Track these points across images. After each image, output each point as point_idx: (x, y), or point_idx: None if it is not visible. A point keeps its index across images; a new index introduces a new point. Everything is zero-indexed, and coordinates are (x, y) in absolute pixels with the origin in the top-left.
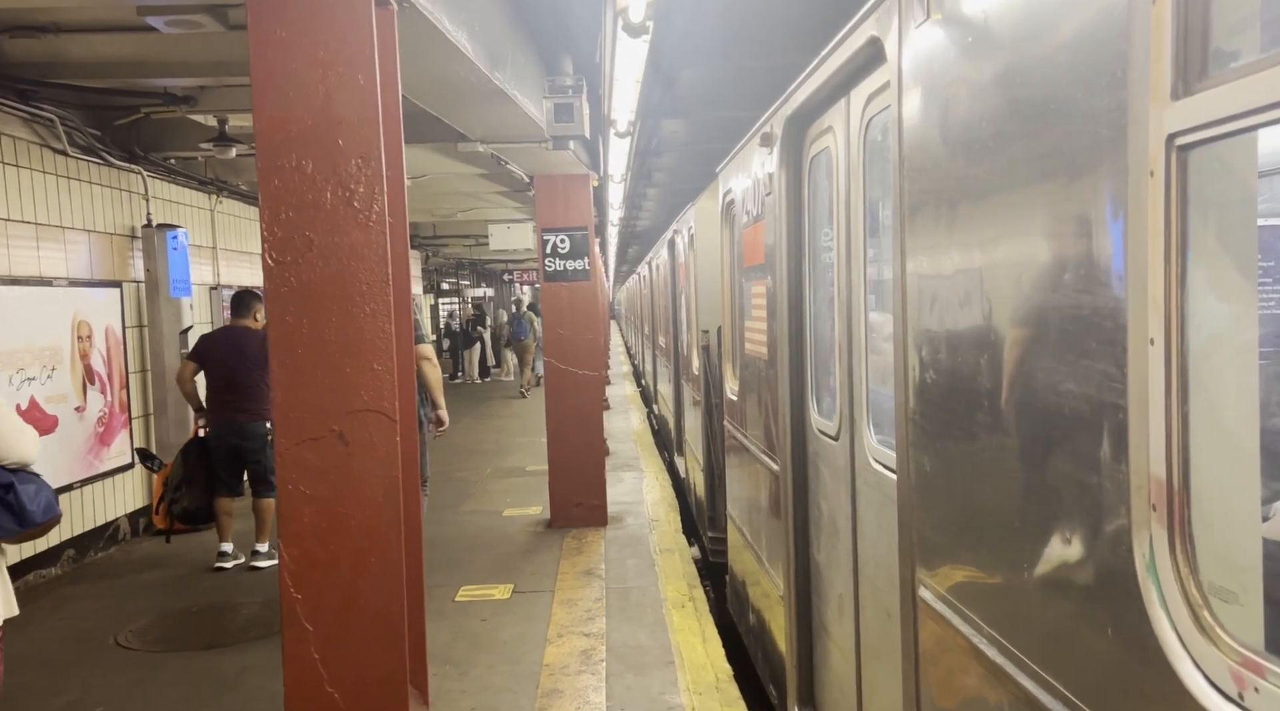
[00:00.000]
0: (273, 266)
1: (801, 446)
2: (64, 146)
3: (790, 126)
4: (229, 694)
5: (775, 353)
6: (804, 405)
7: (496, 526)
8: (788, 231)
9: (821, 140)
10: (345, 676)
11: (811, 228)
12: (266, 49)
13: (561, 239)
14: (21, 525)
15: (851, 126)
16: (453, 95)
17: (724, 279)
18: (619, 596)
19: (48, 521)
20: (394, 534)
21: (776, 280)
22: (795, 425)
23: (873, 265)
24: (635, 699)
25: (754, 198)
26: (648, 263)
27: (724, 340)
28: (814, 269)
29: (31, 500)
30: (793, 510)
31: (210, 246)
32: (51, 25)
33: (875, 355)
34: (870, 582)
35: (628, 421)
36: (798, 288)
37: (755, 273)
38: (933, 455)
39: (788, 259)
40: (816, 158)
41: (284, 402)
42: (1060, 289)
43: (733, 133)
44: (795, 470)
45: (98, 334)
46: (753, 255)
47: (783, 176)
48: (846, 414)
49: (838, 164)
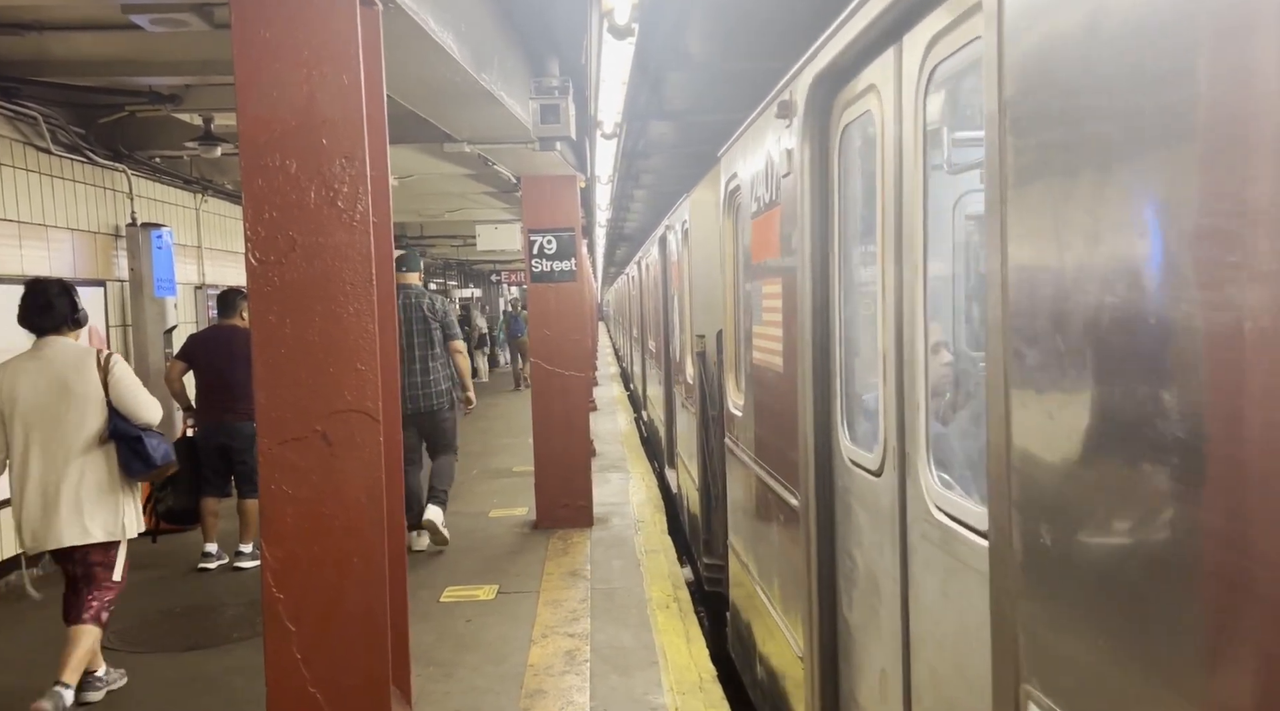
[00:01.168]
0: (256, 266)
1: (827, 478)
2: (48, 144)
3: (816, 91)
4: (212, 695)
5: (793, 364)
6: (831, 429)
7: (482, 527)
8: (811, 219)
9: (858, 104)
10: (328, 677)
11: (842, 214)
12: (250, 48)
13: (548, 240)
14: (147, 467)
15: (905, 82)
16: (439, 96)
17: (726, 277)
18: (604, 597)
19: (164, 465)
20: (377, 534)
21: (796, 277)
22: (819, 452)
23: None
24: (619, 699)
25: (767, 181)
26: (637, 262)
27: (725, 346)
28: (845, 264)
29: (154, 450)
30: (815, 557)
31: (195, 246)
32: (35, 23)
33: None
34: (928, 665)
35: (615, 423)
36: (823, 286)
37: (767, 269)
38: (1059, 523)
39: (811, 252)
40: (850, 127)
41: (266, 402)
42: None
43: (721, 135)
44: (820, 507)
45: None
46: (764, 249)
47: (805, 152)
48: (894, 444)
49: (883, 132)
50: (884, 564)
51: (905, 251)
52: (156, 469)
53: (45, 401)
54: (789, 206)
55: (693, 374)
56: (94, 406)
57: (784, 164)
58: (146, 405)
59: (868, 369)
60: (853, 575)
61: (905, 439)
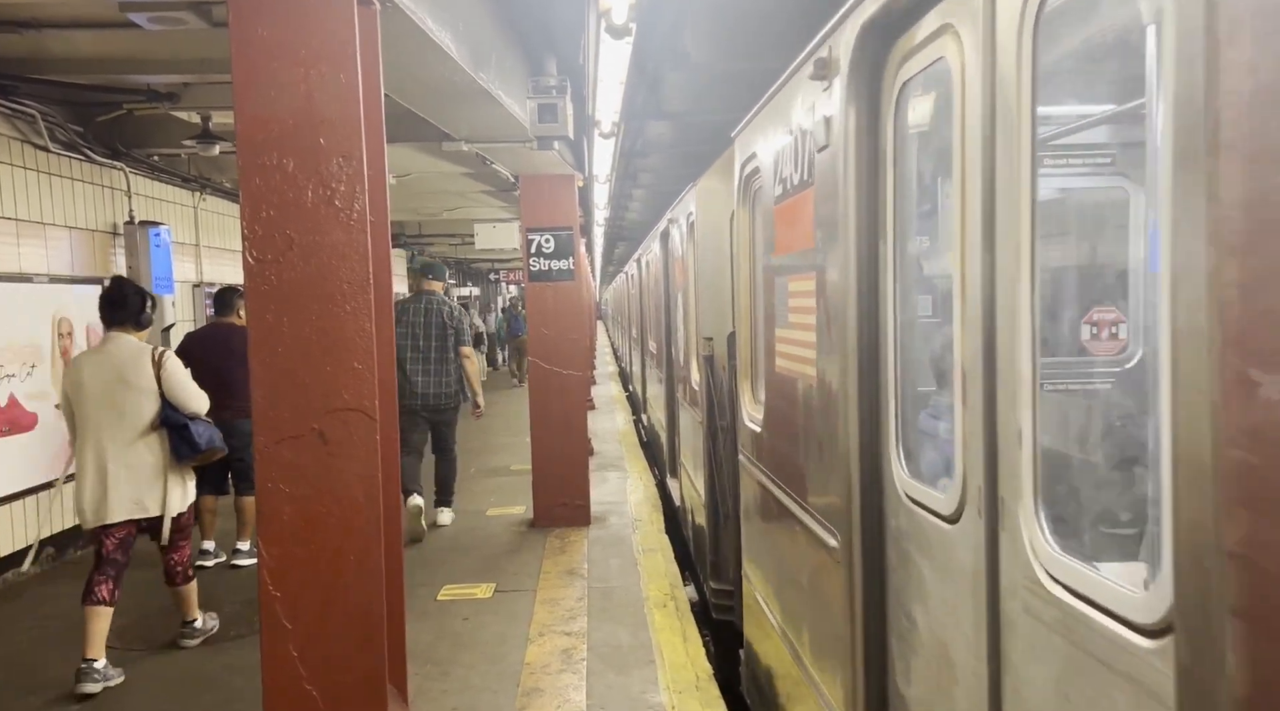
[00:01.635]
0: (253, 265)
1: (875, 515)
2: (46, 142)
3: (865, 42)
4: (209, 693)
5: (830, 374)
6: (880, 455)
7: (480, 526)
8: (857, 200)
9: (925, 53)
10: (324, 675)
11: (898, 192)
12: (248, 47)
13: (546, 239)
14: (194, 452)
15: (1000, 17)
16: (436, 94)
17: (740, 273)
18: (601, 595)
19: (209, 450)
20: (373, 532)
21: (835, 271)
22: (866, 484)
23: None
24: (616, 697)
25: (795, 159)
26: (636, 260)
27: (739, 351)
28: (901, 253)
29: (199, 436)
30: (861, 612)
31: (193, 244)
32: (33, 21)
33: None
34: None
35: (613, 421)
36: (872, 282)
37: (794, 262)
38: None
39: (857, 240)
40: (911, 84)
41: (264, 401)
42: None
43: (719, 136)
44: (866, 551)
45: (79, 331)
46: (791, 238)
47: (850, 118)
48: (978, 484)
49: (964, 85)
50: (961, 635)
51: (1002, 236)
52: (202, 453)
53: (106, 391)
54: (825, 186)
55: (699, 379)
56: (148, 397)
57: (820, 135)
58: (194, 396)
59: (935, 384)
60: (911, 639)
61: (998, 478)
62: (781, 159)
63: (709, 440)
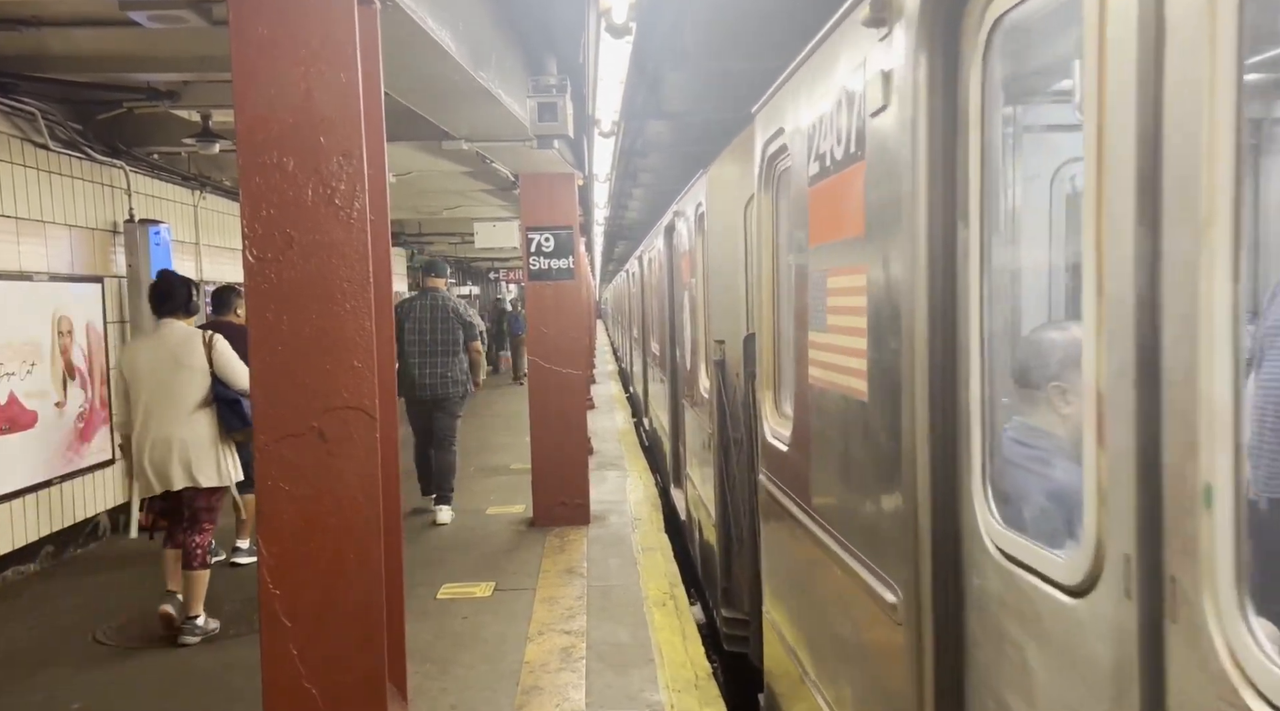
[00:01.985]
0: (253, 263)
1: (951, 571)
2: (45, 141)
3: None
4: (208, 691)
5: (889, 390)
6: (960, 496)
7: (479, 525)
8: (930, 173)
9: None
10: (324, 673)
11: (986, 162)
12: (248, 46)
13: (546, 238)
14: (245, 424)
15: None
16: (437, 93)
17: (762, 267)
18: (600, 594)
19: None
20: (373, 531)
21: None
22: (939, 530)
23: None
24: (615, 696)
25: (839, 129)
26: (638, 258)
27: (760, 357)
28: (989, 240)
29: (248, 410)
30: (934, 694)
31: (194, 242)
32: (33, 19)
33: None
34: None
35: (613, 420)
36: (948, 275)
37: (837, 253)
38: None
39: (928, 223)
40: (1007, 20)
41: (263, 399)
42: None
43: (718, 136)
44: (940, 618)
45: (79, 329)
46: (831, 224)
47: (921, 71)
48: (1132, 553)
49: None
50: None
51: (1171, 211)
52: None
53: (161, 372)
54: (882, 159)
55: (708, 386)
56: (200, 376)
57: (875, 95)
58: (242, 374)
59: (1046, 411)
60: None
61: (1163, 548)
62: (819, 130)
63: (720, 453)
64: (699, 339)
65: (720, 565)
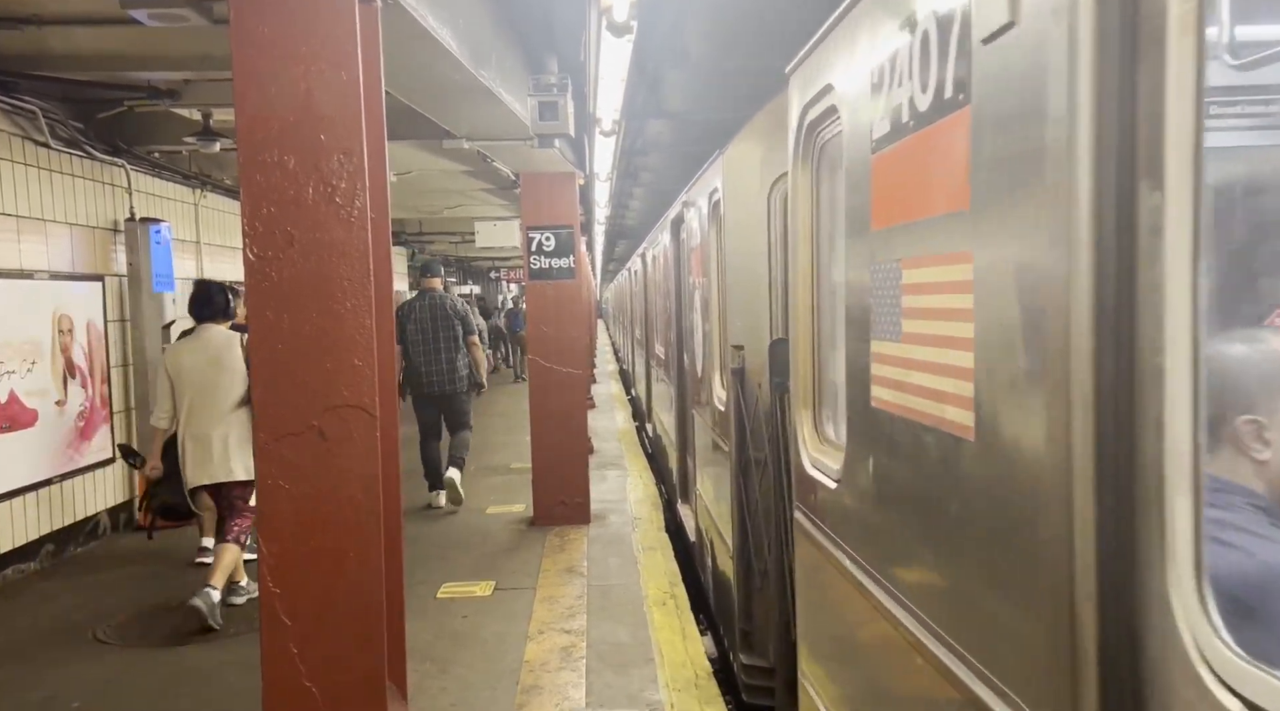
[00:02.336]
0: (254, 262)
1: (1122, 685)
2: (46, 139)
3: None
4: (207, 689)
5: (1015, 428)
6: (1142, 594)
7: (479, 524)
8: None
9: None
10: (323, 672)
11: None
12: (248, 44)
13: (547, 237)
14: None
15: None
16: (437, 92)
17: (799, 259)
18: (600, 593)
19: None
20: (373, 529)
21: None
22: (1110, 642)
23: None
24: (615, 695)
25: (925, 70)
26: (640, 255)
27: (797, 368)
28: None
29: None
30: None
31: (194, 241)
32: (34, 17)
33: None
34: None
35: (613, 420)
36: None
37: (923, 236)
38: None
39: (1095, 188)
40: None
41: (263, 397)
42: None
43: (718, 136)
44: None
45: (79, 328)
46: (909, 198)
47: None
48: None
49: None
50: None
51: None
52: None
53: (202, 372)
54: (1000, 100)
55: (725, 397)
56: (239, 377)
57: (993, 12)
58: None
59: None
60: None
61: None
62: (890, 77)
63: (738, 475)
64: (713, 343)
65: (739, 605)
